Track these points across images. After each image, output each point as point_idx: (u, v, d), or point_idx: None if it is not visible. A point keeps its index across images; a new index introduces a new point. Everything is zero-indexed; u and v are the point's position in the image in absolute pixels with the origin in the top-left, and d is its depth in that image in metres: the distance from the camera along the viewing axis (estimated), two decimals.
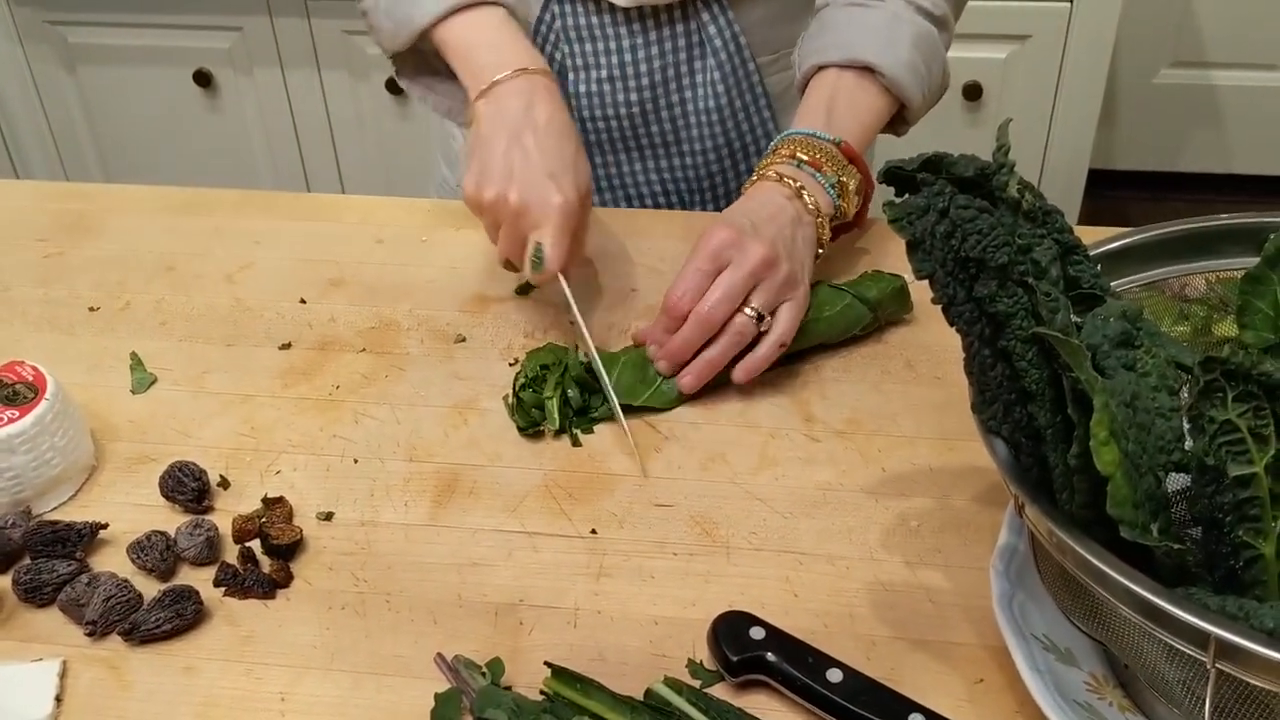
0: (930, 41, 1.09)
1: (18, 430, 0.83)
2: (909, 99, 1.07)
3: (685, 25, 1.14)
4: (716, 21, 1.14)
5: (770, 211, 0.97)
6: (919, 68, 1.07)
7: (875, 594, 0.79)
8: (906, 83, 1.06)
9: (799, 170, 1.01)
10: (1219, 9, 2.64)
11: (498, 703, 0.70)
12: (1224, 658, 0.56)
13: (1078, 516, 0.64)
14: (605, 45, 1.15)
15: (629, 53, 1.15)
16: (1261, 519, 0.60)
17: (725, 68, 1.16)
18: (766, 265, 0.94)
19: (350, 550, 0.83)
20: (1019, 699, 0.72)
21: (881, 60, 1.05)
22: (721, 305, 0.93)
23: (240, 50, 2.35)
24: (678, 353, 0.95)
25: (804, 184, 1.00)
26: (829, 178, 1.01)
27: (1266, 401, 0.58)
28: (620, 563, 0.82)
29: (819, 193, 1.01)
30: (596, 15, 1.14)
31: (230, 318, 1.05)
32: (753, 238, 0.94)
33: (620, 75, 1.16)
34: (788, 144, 1.03)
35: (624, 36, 1.14)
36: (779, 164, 1.02)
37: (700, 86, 1.17)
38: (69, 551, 0.82)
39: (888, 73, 1.05)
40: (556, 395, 0.93)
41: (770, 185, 1.00)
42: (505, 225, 0.97)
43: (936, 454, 0.90)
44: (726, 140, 1.20)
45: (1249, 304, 0.71)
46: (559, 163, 0.96)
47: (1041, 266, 0.65)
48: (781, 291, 0.95)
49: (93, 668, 0.76)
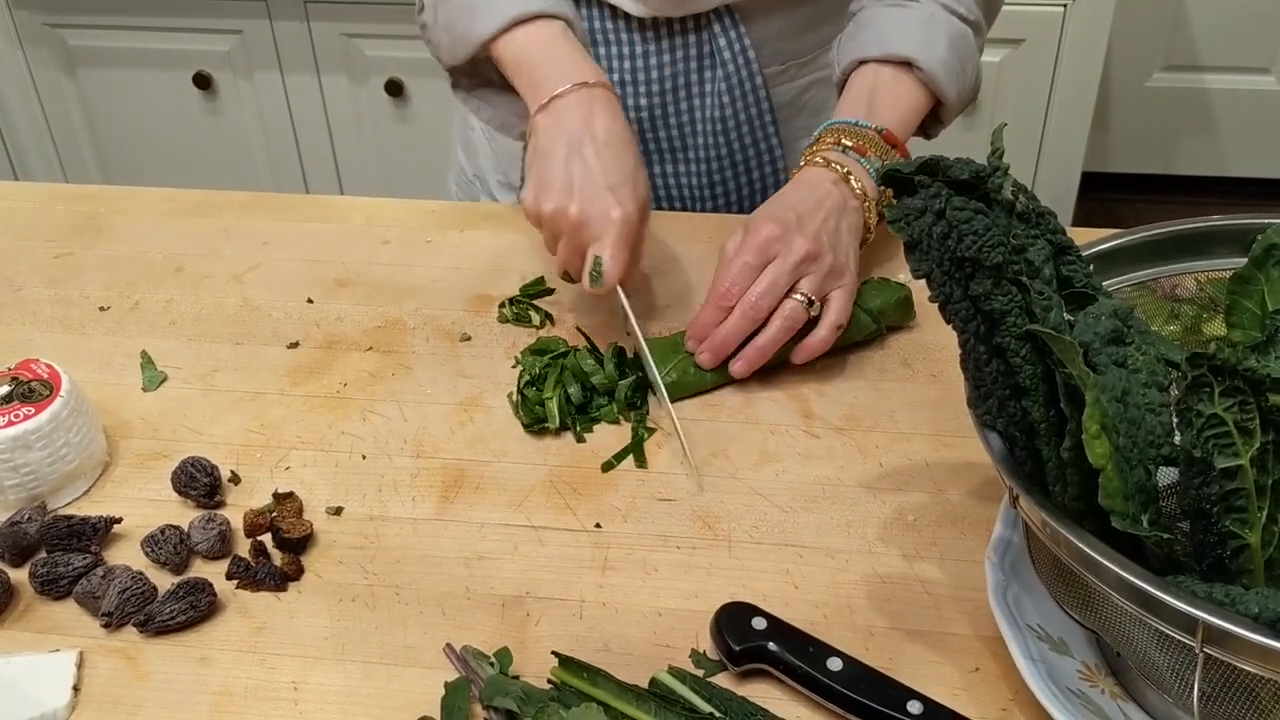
0: (966, 41, 1.12)
1: (34, 427, 0.85)
2: (945, 94, 1.10)
3: (696, 36, 1.15)
4: (727, 34, 1.15)
5: (816, 198, 1.00)
6: (954, 65, 1.10)
7: (873, 586, 0.81)
8: (943, 78, 1.09)
9: (845, 155, 1.03)
10: (1211, 13, 2.66)
11: (506, 691, 0.72)
12: (1211, 643, 0.58)
13: (1070, 508, 0.66)
14: (619, 50, 1.16)
15: (640, 59, 1.16)
16: (1247, 510, 0.62)
17: (733, 79, 1.17)
18: (810, 259, 0.96)
19: (360, 544, 0.85)
20: (1013, 688, 0.74)
21: (919, 55, 1.08)
22: (767, 296, 0.95)
23: (240, 53, 2.36)
24: (722, 344, 0.96)
25: (850, 169, 1.02)
26: (873, 162, 1.04)
27: (1252, 396, 0.60)
28: (624, 556, 0.84)
29: (864, 177, 1.03)
30: (611, 20, 1.15)
31: (239, 317, 1.07)
32: (797, 232, 0.96)
33: (631, 80, 1.17)
34: (832, 132, 1.06)
35: (636, 43, 1.15)
36: (825, 150, 1.04)
37: (708, 96, 1.18)
38: (84, 545, 0.83)
39: (925, 67, 1.08)
40: (557, 394, 0.95)
41: (817, 170, 1.02)
42: (565, 237, 0.97)
43: (932, 450, 0.92)
44: (730, 150, 1.22)
45: (1237, 303, 0.73)
46: (619, 175, 0.97)
47: (1035, 266, 0.67)
48: (828, 280, 0.97)
49: (109, 658, 0.78)
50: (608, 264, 0.95)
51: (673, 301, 1.07)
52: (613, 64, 1.17)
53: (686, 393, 0.97)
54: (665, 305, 1.07)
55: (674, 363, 0.97)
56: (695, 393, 0.97)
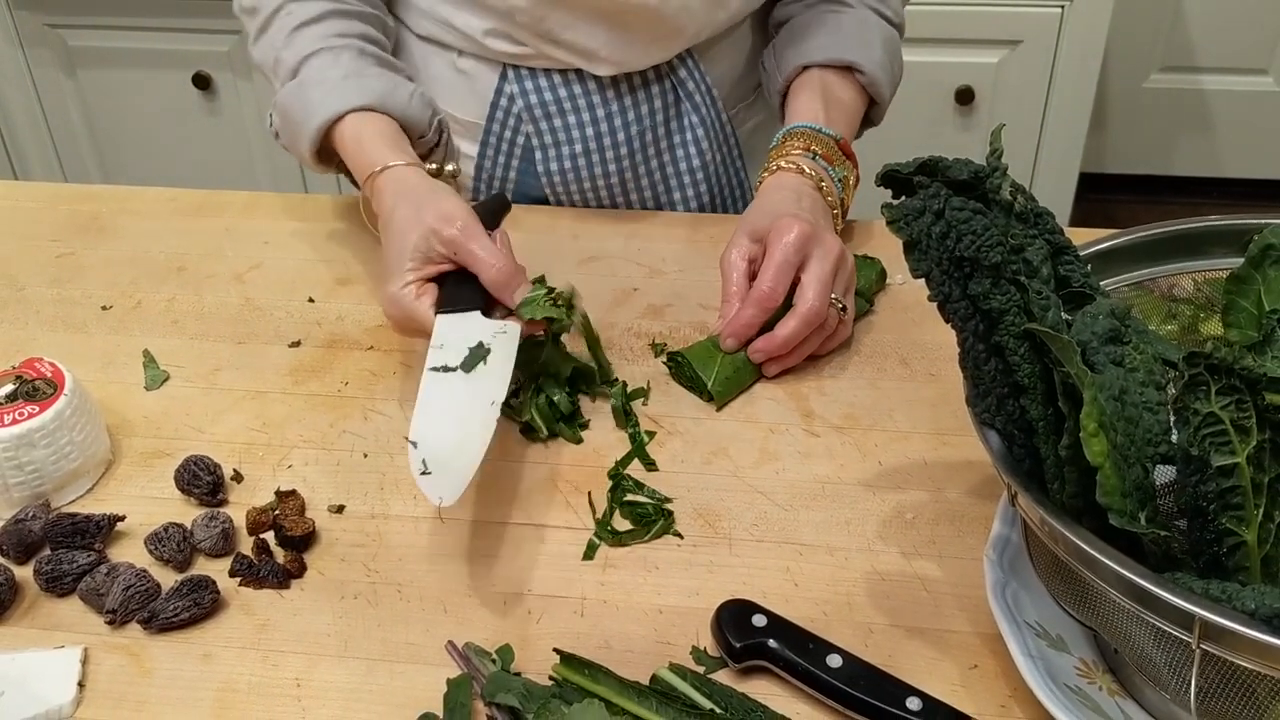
0: (894, 43, 1.16)
1: (38, 425, 0.85)
2: (882, 96, 1.13)
3: (661, 85, 1.14)
4: (693, 76, 1.15)
5: (810, 201, 1.01)
6: (889, 68, 1.13)
7: (872, 583, 0.82)
8: (882, 81, 1.12)
9: (815, 163, 1.05)
10: (1208, 14, 2.67)
11: (508, 688, 0.72)
12: (1208, 639, 0.58)
13: (1068, 505, 0.66)
14: (578, 118, 1.13)
15: (604, 122, 1.13)
16: (1244, 507, 0.62)
17: (707, 121, 1.17)
18: (842, 255, 0.98)
19: (361, 542, 0.86)
20: (1012, 684, 0.74)
21: (861, 59, 1.11)
22: (822, 301, 0.95)
23: (239, 53, 2.37)
24: (781, 347, 0.96)
25: (823, 178, 1.03)
26: (837, 172, 1.05)
27: (1248, 394, 0.61)
28: (625, 554, 0.84)
29: (832, 187, 1.04)
30: (565, 87, 1.13)
31: (240, 316, 1.08)
32: (825, 230, 0.98)
33: (597, 148, 1.15)
34: (799, 136, 1.06)
35: (598, 106, 1.13)
36: (795, 155, 1.04)
37: (682, 146, 1.18)
38: (88, 543, 0.84)
39: (867, 71, 1.11)
40: (534, 402, 0.94)
41: (794, 177, 1.03)
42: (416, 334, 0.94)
43: (931, 448, 0.92)
44: (711, 197, 1.21)
45: (1234, 303, 0.74)
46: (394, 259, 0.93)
47: (1033, 266, 0.67)
48: (851, 279, 1.00)
49: (113, 655, 0.78)
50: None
51: (675, 301, 1.08)
52: (574, 133, 1.14)
53: (733, 392, 0.97)
54: (667, 305, 1.07)
55: (716, 366, 0.96)
56: (739, 391, 0.97)
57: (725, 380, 0.96)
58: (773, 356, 0.97)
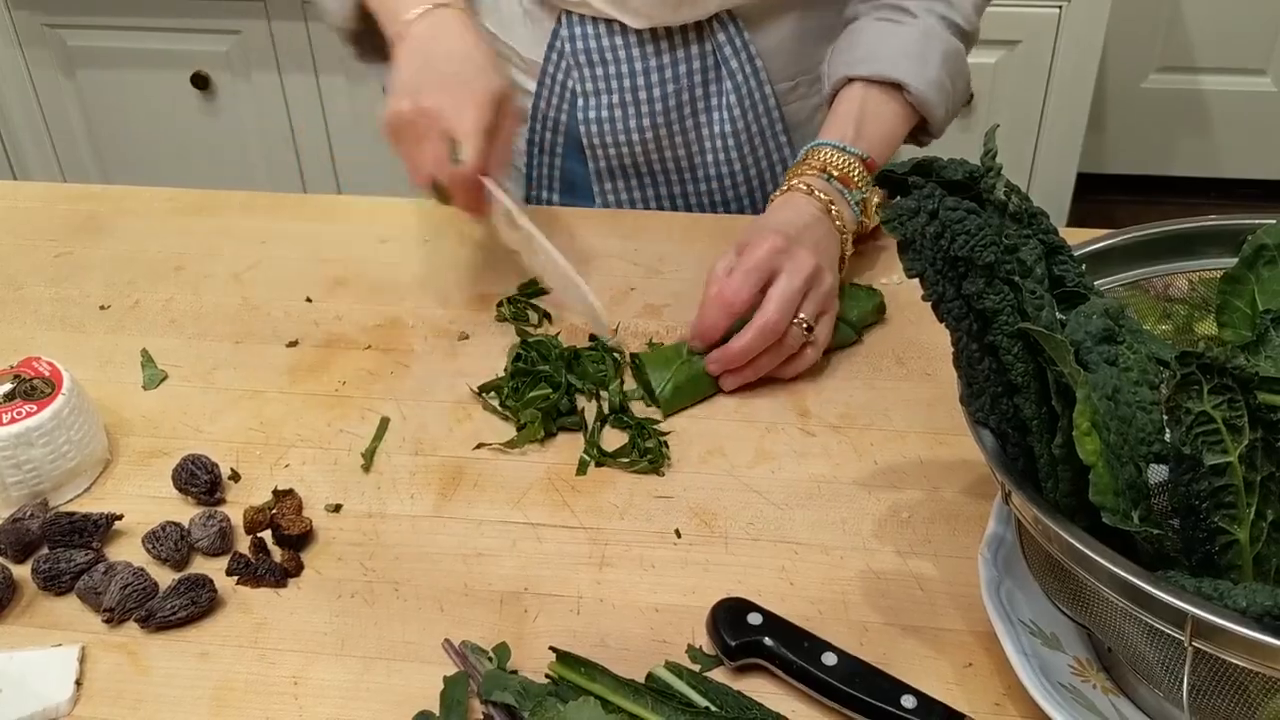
0: (958, 58, 1.11)
1: (36, 424, 0.86)
2: (933, 116, 1.09)
3: (700, 47, 1.14)
4: (733, 43, 1.14)
5: (805, 222, 0.99)
6: (945, 85, 1.09)
7: (868, 582, 0.82)
8: (933, 101, 1.08)
9: (829, 185, 1.03)
10: (1206, 14, 2.67)
11: (504, 686, 0.72)
12: (1200, 636, 0.59)
13: (1062, 504, 0.67)
14: (617, 69, 1.15)
15: (642, 76, 1.15)
16: (1236, 506, 0.63)
17: (742, 90, 1.16)
18: (816, 274, 0.96)
19: (359, 541, 0.86)
20: (1006, 682, 0.74)
21: (910, 78, 1.06)
22: (782, 315, 0.94)
23: (238, 53, 2.37)
24: (734, 359, 0.95)
25: (834, 200, 1.01)
26: (854, 194, 1.03)
27: (1241, 394, 0.61)
28: (621, 553, 0.85)
29: (845, 209, 1.02)
30: (608, 38, 1.14)
31: (238, 316, 1.08)
32: (802, 246, 0.96)
33: (633, 100, 1.16)
34: (817, 154, 1.05)
35: (636, 60, 1.14)
36: (809, 176, 1.03)
37: (715, 110, 1.17)
38: (86, 541, 0.84)
39: (916, 91, 1.07)
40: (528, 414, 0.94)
41: (802, 197, 1.02)
42: (420, 135, 0.96)
43: (926, 448, 0.92)
44: (743, 167, 1.20)
45: (1228, 303, 0.74)
46: (469, 68, 0.97)
47: (1027, 265, 0.67)
48: (825, 302, 0.97)
49: (111, 653, 0.78)
50: (468, 148, 0.95)
51: (672, 301, 1.08)
52: (612, 84, 1.15)
53: (684, 402, 0.97)
54: (664, 305, 1.08)
55: (673, 370, 0.96)
56: (692, 402, 0.97)
57: (676, 389, 0.96)
58: (729, 369, 0.96)
